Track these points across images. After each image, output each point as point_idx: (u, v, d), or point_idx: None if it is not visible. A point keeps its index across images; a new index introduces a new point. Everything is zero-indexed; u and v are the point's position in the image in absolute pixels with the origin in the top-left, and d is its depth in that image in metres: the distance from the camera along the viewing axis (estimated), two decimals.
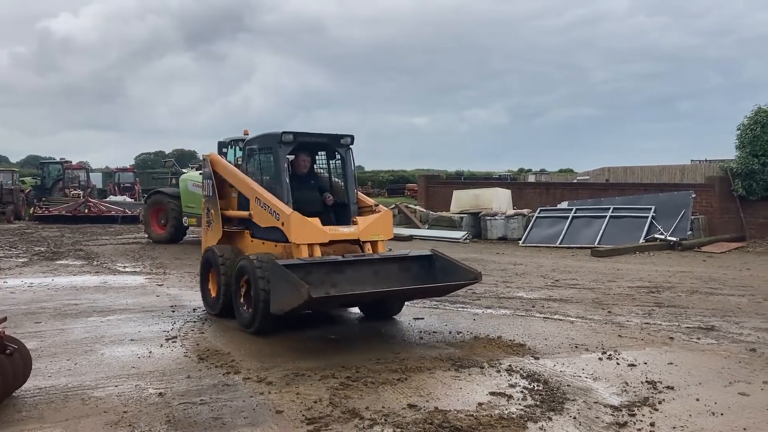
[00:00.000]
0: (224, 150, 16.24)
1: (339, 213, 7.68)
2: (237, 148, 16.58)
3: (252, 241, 7.74)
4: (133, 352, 6.24)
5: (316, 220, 7.01)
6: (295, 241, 6.86)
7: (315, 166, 8.08)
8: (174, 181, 19.17)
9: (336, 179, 8.00)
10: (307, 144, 7.66)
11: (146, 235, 18.25)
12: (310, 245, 6.89)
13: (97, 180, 37.52)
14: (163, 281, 10.86)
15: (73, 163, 35.79)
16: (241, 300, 7.11)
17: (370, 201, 7.98)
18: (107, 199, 30.88)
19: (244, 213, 7.72)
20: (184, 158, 66.64)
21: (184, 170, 20.02)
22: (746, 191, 17.81)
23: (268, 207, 7.18)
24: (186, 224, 17.19)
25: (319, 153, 8.02)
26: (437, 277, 7.02)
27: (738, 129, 18.56)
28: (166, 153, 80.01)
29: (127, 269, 12.54)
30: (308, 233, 6.90)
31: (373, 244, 7.28)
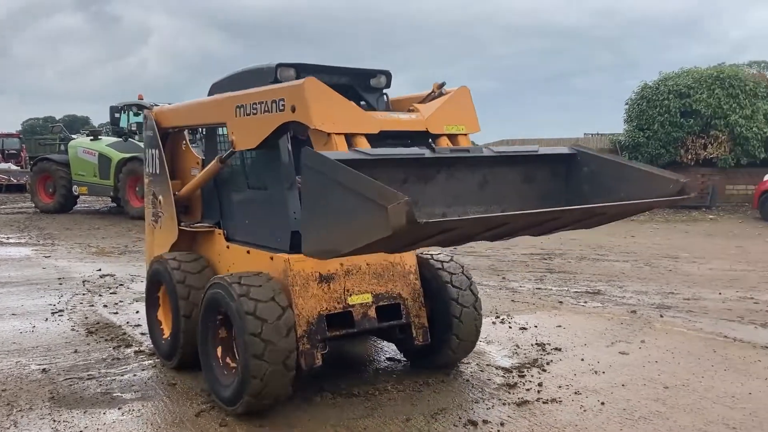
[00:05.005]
0: (116, 115, 15.52)
1: None
2: (131, 113, 15.86)
3: (228, 246, 4.78)
4: (14, 327, 5.90)
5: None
6: (320, 126, 3.67)
7: None
8: (63, 147, 18.12)
9: None
10: None
11: (33, 205, 17.31)
12: (352, 136, 3.74)
13: None
14: (51, 253, 10.31)
15: None
16: (219, 354, 4.22)
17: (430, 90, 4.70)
18: None
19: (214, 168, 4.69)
20: (77, 123, 63.17)
21: (73, 136, 18.96)
22: None
23: (255, 106, 4.13)
24: (76, 193, 16.43)
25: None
26: (589, 189, 4.06)
27: (626, 104, 19.51)
28: (56, 119, 75.46)
29: (11, 240, 11.82)
30: (342, 116, 3.77)
31: (452, 139, 4.20)
